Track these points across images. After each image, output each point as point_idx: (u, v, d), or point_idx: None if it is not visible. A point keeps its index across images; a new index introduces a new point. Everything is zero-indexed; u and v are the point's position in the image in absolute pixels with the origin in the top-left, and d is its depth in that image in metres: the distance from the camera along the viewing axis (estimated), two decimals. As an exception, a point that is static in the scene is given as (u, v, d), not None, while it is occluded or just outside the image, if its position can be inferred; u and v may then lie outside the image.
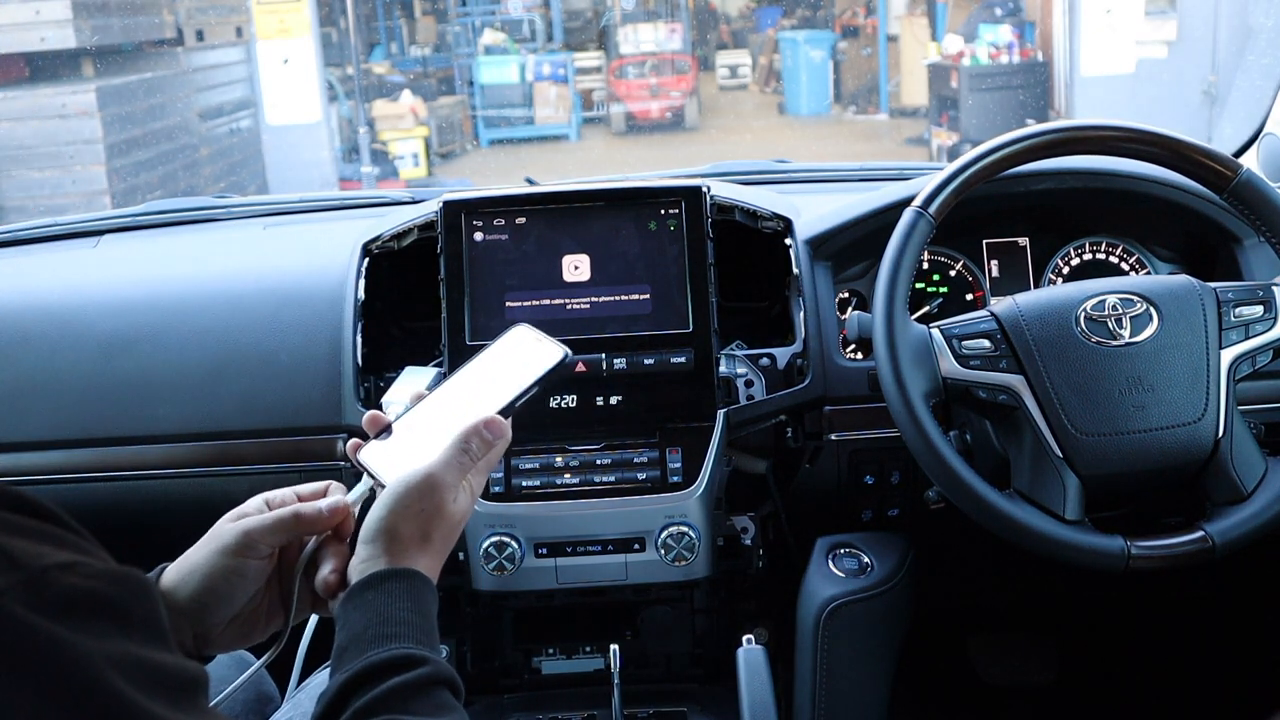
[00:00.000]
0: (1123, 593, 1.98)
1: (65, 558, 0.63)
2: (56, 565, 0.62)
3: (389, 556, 0.93)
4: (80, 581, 0.62)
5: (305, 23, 8.88)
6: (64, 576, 0.62)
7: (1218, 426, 1.36)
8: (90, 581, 0.63)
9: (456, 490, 0.98)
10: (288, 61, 8.80)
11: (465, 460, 0.99)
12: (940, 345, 1.39)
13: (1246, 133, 1.97)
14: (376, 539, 0.94)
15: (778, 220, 1.67)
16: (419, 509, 0.95)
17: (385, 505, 0.95)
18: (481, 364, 1.10)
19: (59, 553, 0.63)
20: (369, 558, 0.94)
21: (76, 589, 0.62)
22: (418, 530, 0.94)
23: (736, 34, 15.76)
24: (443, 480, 0.96)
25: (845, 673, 1.53)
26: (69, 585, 0.62)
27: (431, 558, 0.95)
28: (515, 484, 1.52)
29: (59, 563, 0.62)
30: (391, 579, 0.92)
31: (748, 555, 1.67)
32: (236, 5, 9.09)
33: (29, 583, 0.60)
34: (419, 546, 0.94)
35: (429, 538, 0.95)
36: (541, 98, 12.26)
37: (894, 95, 12.34)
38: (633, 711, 1.56)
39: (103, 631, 0.62)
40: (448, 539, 0.97)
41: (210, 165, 8.81)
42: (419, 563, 0.94)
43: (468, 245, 1.58)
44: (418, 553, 0.94)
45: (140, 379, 1.62)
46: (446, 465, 0.98)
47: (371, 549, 0.94)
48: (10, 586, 0.60)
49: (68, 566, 0.63)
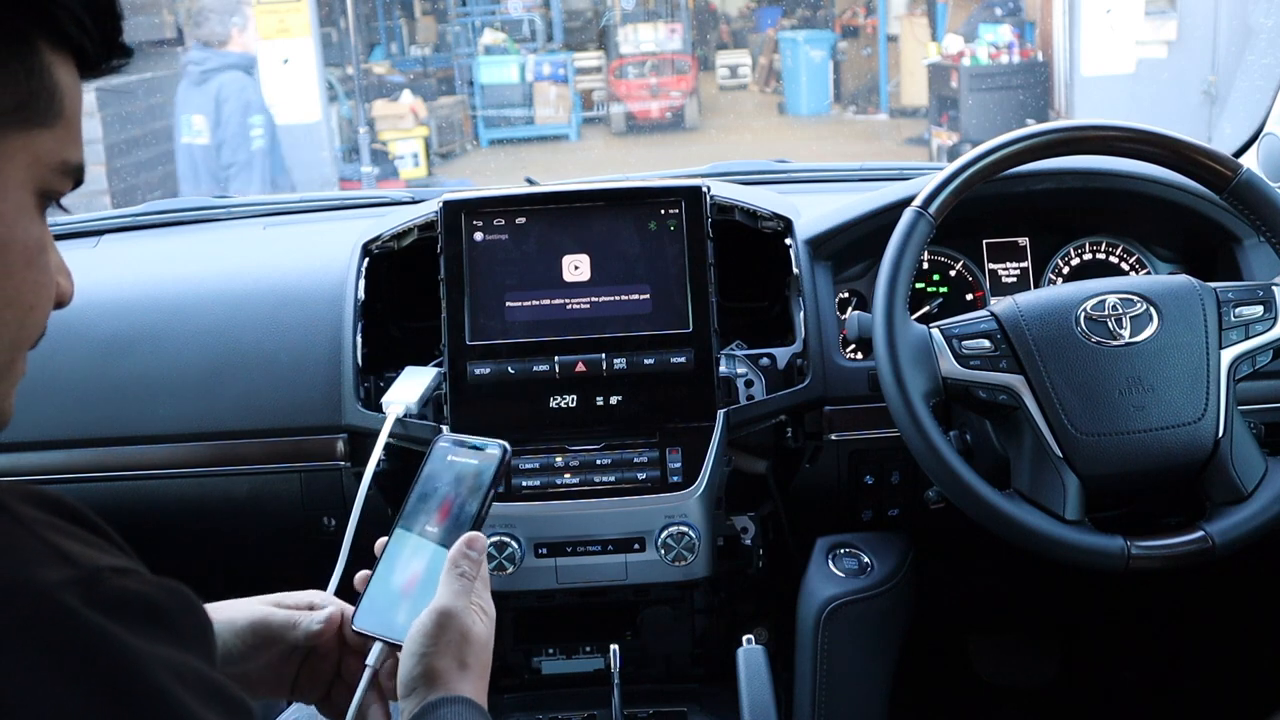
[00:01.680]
0: (1123, 593, 1.98)
1: (120, 562, 0.64)
2: (110, 568, 0.62)
3: (435, 693, 0.93)
4: (135, 585, 0.63)
5: (305, 23, 8.88)
6: (119, 579, 0.62)
7: (1218, 426, 1.36)
8: (145, 587, 0.63)
9: (470, 614, 0.98)
10: (288, 61, 8.80)
11: (464, 584, 0.99)
12: (940, 345, 1.39)
13: (1246, 133, 1.97)
14: (418, 685, 0.94)
15: (778, 220, 1.67)
16: (446, 642, 0.95)
17: (412, 655, 0.95)
18: (421, 495, 1.10)
19: (113, 558, 0.64)
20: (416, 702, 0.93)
21: (131, 591, 0.62)
22: (454, 662, 0.95)
23: (736, 34, 15.75)
24: (455, 608, 0.97)
25: (845, 673, 1.53)
26: (123, 587, 0.62)
27: (474, 683, 0.95)
28: (515, 484, 1.52)
29: (113, 565, 0.63)
30: (444, 705, 0.92)
31: (748, 555, 1.67)
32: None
33: (84, 580, 0.60)
34: (459, 675, 0.94)
35: (466, 665, 0.95)
36: (541, 98, 12.26)
37: (894, 95, 12.34)
38: (633, 711, 1.56)
39: (156, 636, 0.61)
40: (484, 662, 0.98)
41: (210, 165, 8.81)
42: (465, 690, 0.94)
43: (468, 245, 1.58)
44: (460, 681, 0.94)
45: (140, 379, 1.62)
46: (452, 594, 0.98)
47: (416, 695, 0.94)
48: (64, 581, 0.60)
49: (122, 570, 0.63)
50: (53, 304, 0.75)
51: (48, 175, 0.71)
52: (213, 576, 1.62)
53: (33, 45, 0.69)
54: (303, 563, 1.62)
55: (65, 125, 0.72)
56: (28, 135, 0.69)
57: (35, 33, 0.69)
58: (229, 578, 1.60)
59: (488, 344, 1.56)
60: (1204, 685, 2.08)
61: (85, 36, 0.72)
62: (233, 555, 1.71)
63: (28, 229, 0.71)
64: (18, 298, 0.71)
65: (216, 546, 1.70)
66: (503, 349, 1.56)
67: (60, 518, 0.65)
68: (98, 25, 0.72)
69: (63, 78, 0.71)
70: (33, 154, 0.70)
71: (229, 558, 1.71)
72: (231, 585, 1.48)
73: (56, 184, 0.73)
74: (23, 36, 0.69)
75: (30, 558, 0.60)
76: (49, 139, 0.71)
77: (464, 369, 1.55)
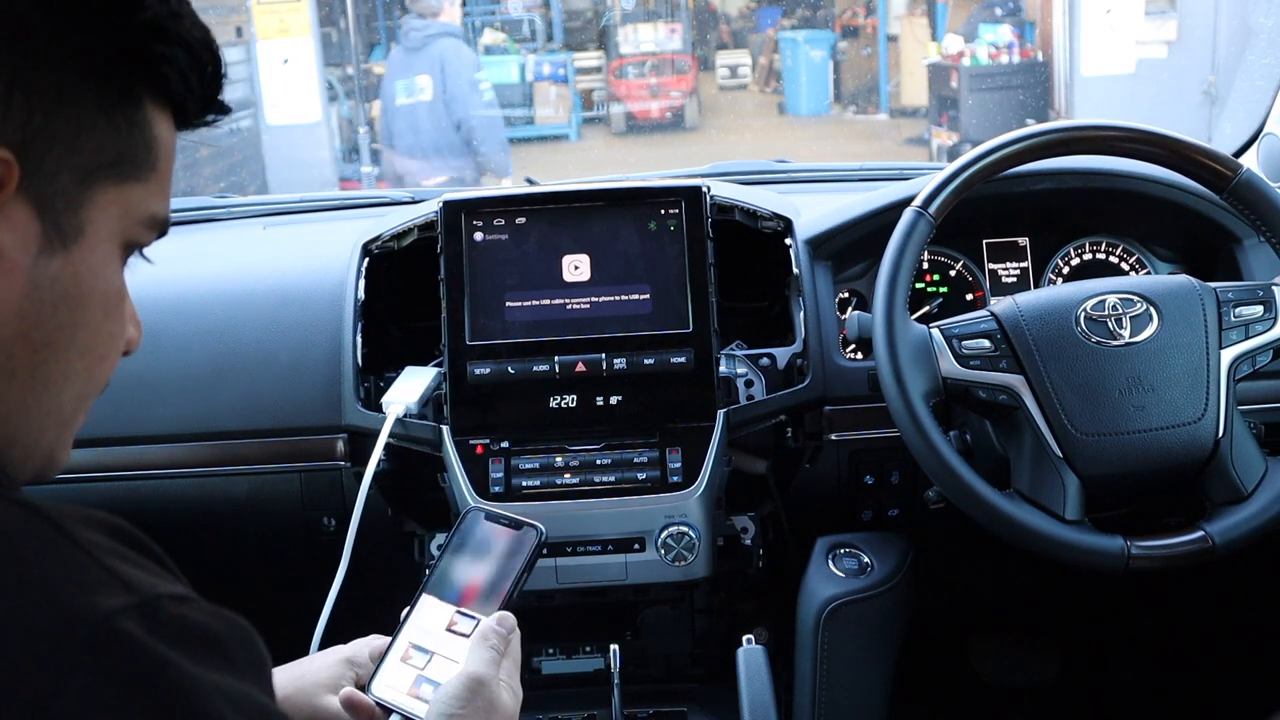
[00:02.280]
0: (1123, 593, 1.98)
1: (179, 590, 0.63)
2: (169, 595, 0.62)
3: None
4: (193, 614, 0.62)
5: (305, 23, 8.88)
6: (177, 606, 0.62)
7: (1218, 426, 1.36)
8: (204, 616, 0.63)
9: (500, 685, 0.97)
10: (288, 61, 8.80)
11: (494, 655, 0.98)
12: (940, 345, 1.39)
13: (1246, 133, 1.97)
14: None
15: (778, 220, 1.67)
16: (475, 708, 0.94)
17: (440, 715, 0.94)
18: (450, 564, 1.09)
19: (171, 585, 0.63)
20: None
21: (189, 619, 0.62)
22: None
23: (736, 34, 15.75)
24: (484, 675, 0.96)
25: (845, 673, 1.53)
26: (182, 615, 0.62)
27: None
28: (515, 484, 1.52)
29: (172, 593, 0.62)
30: None
31: (748, 555, 1.67)
32: (236, 5, 9.08)
33: (142, 606, 0.60)
34: None
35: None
36: (541, 98, 12.25)
37: (894, 95, 12.33)
38: (633, 711, 1.56)
39: (214, 665, 0.61)
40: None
41: (210, 165, 8.80)
42: None
43: (468, 245, 1.58)
44: None
45: (140, 379, 1.62)
46: (483, 662, 0.97)
47: None
48: (124, 608, 0.59)
49: (182, 599, 0.63)
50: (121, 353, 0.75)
51: (135, 228, 0.72)
52: (212, 576, 1.62)
53: (138, 100, 0.69)
54: (303, 563, 1.62)
55: (158, 179, 0.72)
56: (121, 188, 0.69)
57: (141, 87, 0.70)
58: (229, 578, 1.60)
59: (488, 344, 1.56)
60: (1204, 685, 2.08)
61: (189, 95, 0.72)
62: (233, 555, 1.71)
63: (110, 280, 0.71)
64: (92, 348, 0.71)
65: (216, 546, 1.70)
66: (503, 349, 1.55)
67: (120, 543, 0.64)
68: (202, 84, 0.73)
69: (161, 132, 0.71)
70: (124, 206, 0.70)
71: (229, 558, 1.71)
72: (231, 585, 1.48)
73: (142, 236, 0.73)
74: (129, 91, 0.69)
75: (91, 584, 0.60)
76: (140, 192, 0.71)
77: (464, 369, 1.55)
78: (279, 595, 1.59)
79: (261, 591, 1.49)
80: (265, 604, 1.45)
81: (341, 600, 1.46)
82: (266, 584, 1.69)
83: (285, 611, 1.46)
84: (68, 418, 0.72)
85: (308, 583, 1.51)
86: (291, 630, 1.46)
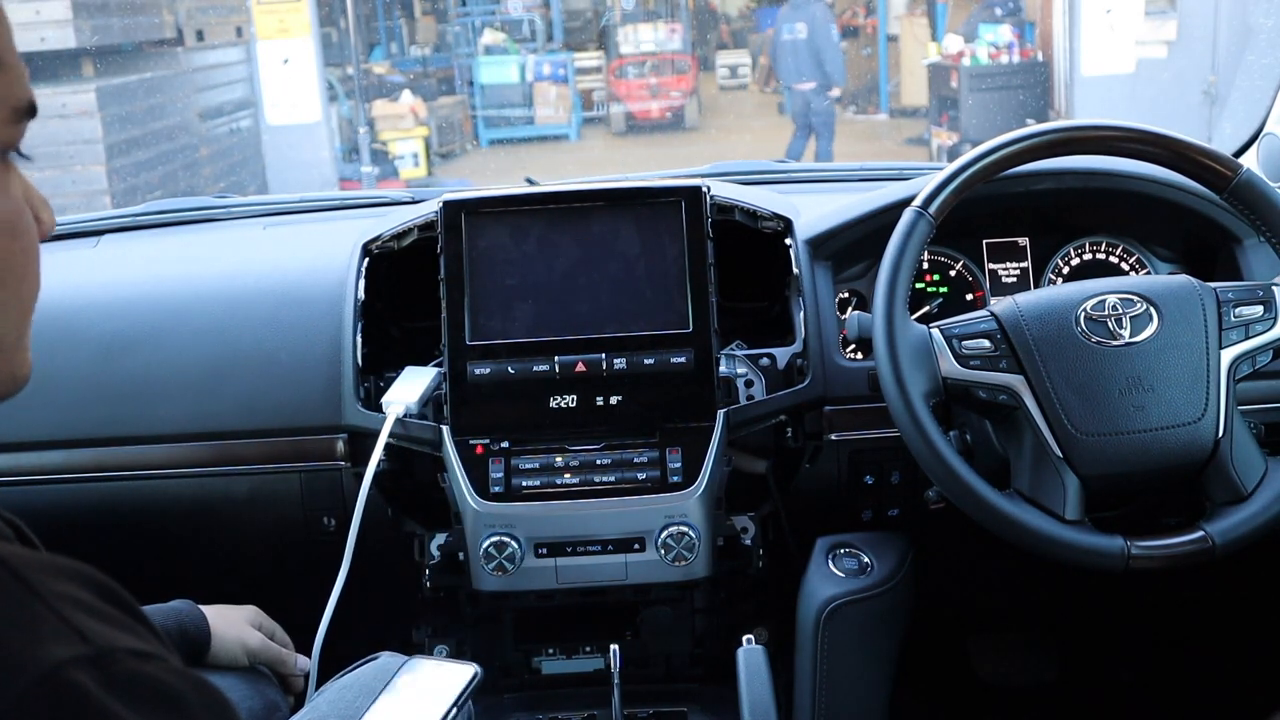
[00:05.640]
0: (1123, 593, 1.98)
1: (141, 646, 0.60)
2: (130, 650, 0.59)
3: None
4: (154, 671, 0.59)
5: (305, 23, 8.88)
6: (136, 662, 0.59)
7: (1218, 426, 1.36)
8: (166, 675, 0.60)
9: None
10: (288, 61, 8.80)
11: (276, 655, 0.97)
12: (940, 345, 1.39)
13: (1246, 133, 1.97)
14: None
15: (778, 220, 1.67)
16: None
17: None
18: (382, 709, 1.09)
19: (136, 640, 0.60)
20: None
21: (147, 676, 0.59)
22: None
23: (736, 34, 15.76)
24: None
25: (845, 673, 1.53)
26: (140, 671, 0.58)
27: None
28: (515, 484, 1.52)
29: (133, 649, 0.59)
30: None
31: (748, 555, 1.67)
32: (236, 5, 9.09)
33: (96, 658, 0.57)
34: None
35: None
36: (541, 98, 12.26)
37: (894, 95, 12.34)
38: (633, 711, 1.56)
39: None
40: None
41: (210, 165, 8.81)
42: None
43: (468, 245, 1.58)
44: None
45: (140, 379, 1.62)
46: None
47: None
48: (75, 659, 0.57)
49: (143, 655, 0.59)
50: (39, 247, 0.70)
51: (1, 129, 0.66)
52: (213, 577, 1.62)
53: None
54: (303, 563, 1.62)
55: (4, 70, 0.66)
56: None
57: None
58: (229, 578, 1.60)
59: (488, 344, 1.56)
60: (1203, 685, 2.08)
61: None
62: (233, 555, 1.71)
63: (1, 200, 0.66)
64: (9, 273, 0.67)
65: (216, 546, 1.70)
66: (503, 349, 1.55)
67: (92, 594, 0.61)
68: None
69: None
70: None
71: (229, 558, 1.71)
72: (232, 585, 1.49)
73: (11, 134, 0.67)
74: None
75: (44, 634, 0.57)
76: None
77: (464, 369, 1.55)
78: (279, 595, 1.59)
79: (261, 592, 1.49)
80: (265, 604, 1.45)
81: (342, 600, 1.46)
82: (266, 584, 1.69)
83: (285, 612, 1.47)
84: (12, 344, 0.69)
85: (308, 583, 1.51)
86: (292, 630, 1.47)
